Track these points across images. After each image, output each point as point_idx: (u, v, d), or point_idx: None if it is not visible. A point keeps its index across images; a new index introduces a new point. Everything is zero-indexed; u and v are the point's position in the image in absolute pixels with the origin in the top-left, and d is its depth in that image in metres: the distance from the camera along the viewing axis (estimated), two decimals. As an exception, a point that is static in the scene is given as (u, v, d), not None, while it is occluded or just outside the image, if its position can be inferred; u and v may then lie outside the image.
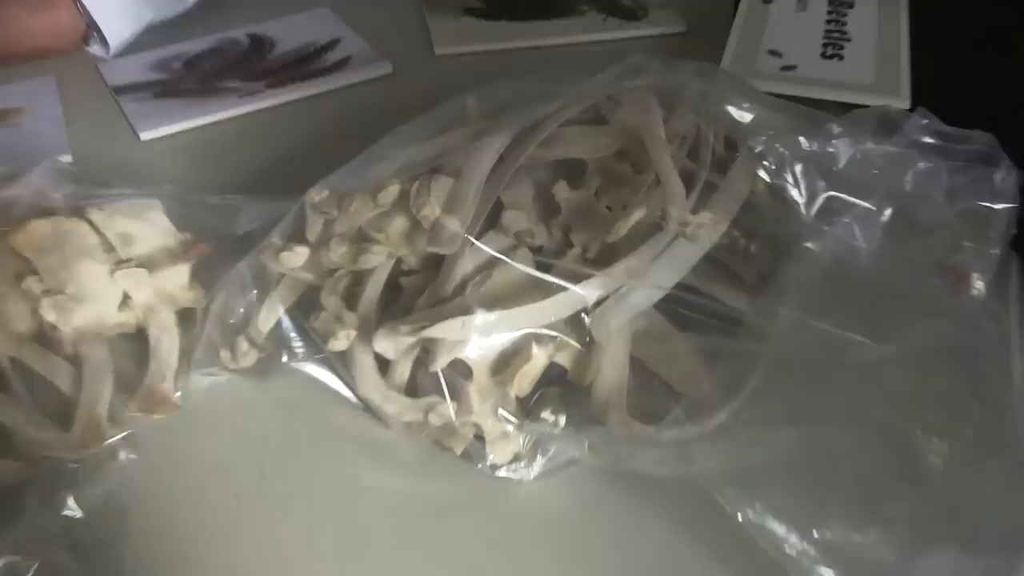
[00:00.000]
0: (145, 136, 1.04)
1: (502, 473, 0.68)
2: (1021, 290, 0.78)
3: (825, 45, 1.03)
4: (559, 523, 0.67)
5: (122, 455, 0.70)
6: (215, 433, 0.73)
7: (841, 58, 1.01)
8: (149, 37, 1.23)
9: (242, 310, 0.76)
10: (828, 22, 1.07)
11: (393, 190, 0.71)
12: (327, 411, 0.74)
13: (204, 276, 0.80)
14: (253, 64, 1.17)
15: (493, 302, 0.68)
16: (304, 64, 1.16)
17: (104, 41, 1.19)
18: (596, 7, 1.24)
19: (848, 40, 1.04)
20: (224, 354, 0.75)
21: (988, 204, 0.76)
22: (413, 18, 1.27)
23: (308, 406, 0.74)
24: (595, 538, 0.66)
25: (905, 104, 0.93)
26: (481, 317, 0.66)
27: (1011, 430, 0.63)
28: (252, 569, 0.65)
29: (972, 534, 0.58)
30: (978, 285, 0.74)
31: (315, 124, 1.05)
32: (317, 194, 0.74)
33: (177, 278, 0.80)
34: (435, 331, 0.66)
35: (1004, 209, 0.76)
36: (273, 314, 0.75)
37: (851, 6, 1.09)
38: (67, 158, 0.99)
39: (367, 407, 0.72)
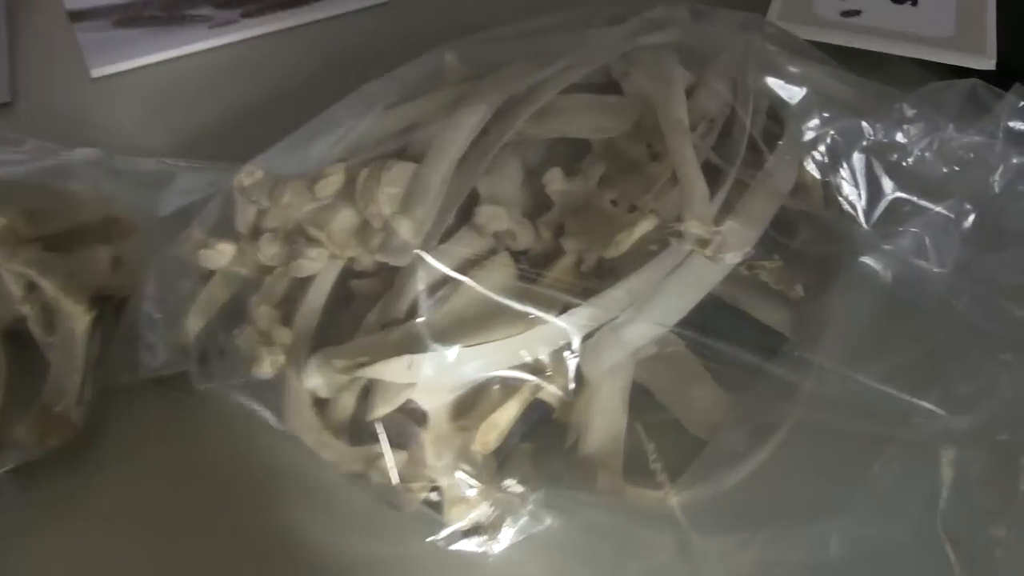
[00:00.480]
0: (96, 73, 0.89)
1: (459, 546, 0.53)
2: None
3: (893, -9, 0.86)
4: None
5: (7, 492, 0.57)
6: (123, 463, 0.60)
7: (915, 3, 0.84)
8: None
9: (168, 310, 0.61)
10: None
11: (335, 179, 0.56)
12: (259, 439, 0.59)
13: (131, 260, 0.66)
14: (228, -15, 1.01)
15: (456, 328, 0.53)
16: (287, -14, 1.00)
17: None
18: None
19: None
20: (144, 361, 0.61)
21: None
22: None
23: (238, 433, 0.60)
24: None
25: (990, 64, 0.76)
26: (434, 356, 0.51)
27: None
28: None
29: None
30: None
31: (297, 62, 0.90)
32: (248, 176, 0.59)
33: (96, 263, 0.65)
34: (374, 371, 0.51)
35: None
36: (201, 317, 0.60)
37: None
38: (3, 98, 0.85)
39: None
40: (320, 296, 0.58)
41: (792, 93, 0.60)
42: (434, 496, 0.54)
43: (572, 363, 0.53)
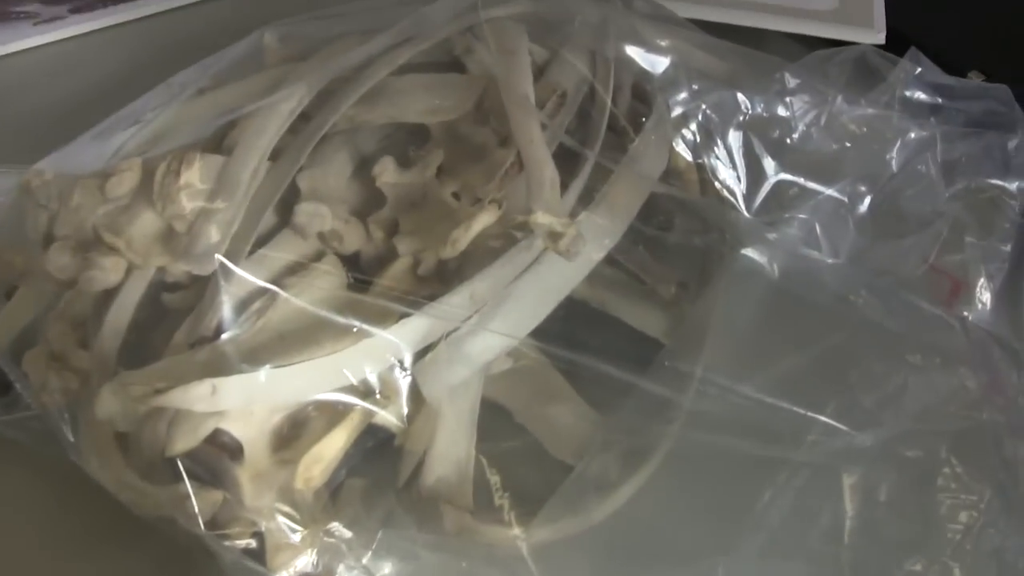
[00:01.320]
0: None
1: (284, 578, 0.45)
2: None
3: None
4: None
5: None
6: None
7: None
8: None
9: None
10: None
11: (129, 176, 0.48)
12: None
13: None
14: (60, -25, 0.93)
15: (274, 347, 0.45)
16: (122, -26, 0.92)
17: None
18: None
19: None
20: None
21: (998, 182, 0.56)
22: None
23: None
24: None
25: (879, 38, 0.70)
26: (241, 380, 0.42)
27: None
28: None
29: None
30: (983, 296, 0.54)
31: (128, 58, 0.83)
32: (36, 176, 0.51)
33: None
34: (171, 399, 0.43)
35: (1019, 189, 0.56)
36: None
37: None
38: None
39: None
40: (124, 313, 0.50)
41: (658, 65, 0.52)
42: (254, 543, 0.46)
43: (405, 383, 0.45)
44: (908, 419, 0.43)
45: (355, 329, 0.44)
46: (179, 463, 0.44)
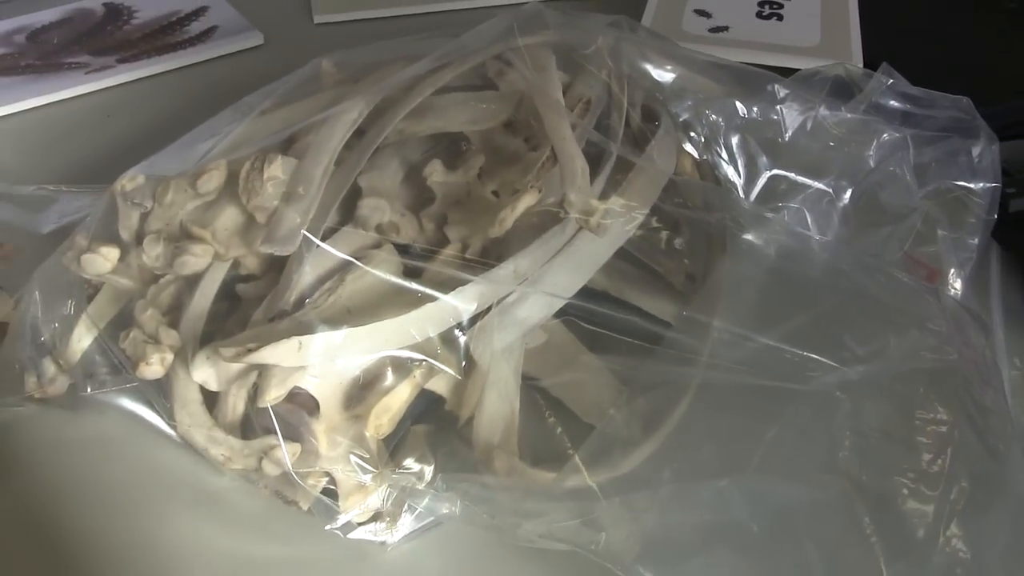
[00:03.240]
0: (-33, 120, 0.88)
1: (358, 535, 0.53)
2: (1004, 286, 0.66)
3: (761, 3, 0.88)
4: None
5: None
6: (11, 481, 0.59)
7: (780, 18, 0.86)
8: None
9: (55, 325, 0.59)
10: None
11: (217, 175, 0.56)
12: (149, 452, 0.59)
13: (12, 283, 0.64)
14: (106, 36, 1.01)
15: (344, 316, 0.52)
16: (165, 35, 1.00)
17: None
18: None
19: (788, -1, 0.89)
20: (29, 381, 0.60)
21: (965, 184, 0.63)
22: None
23: (127, 446, 0.59)
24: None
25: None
26: (323, 337, 0.50)
27: (1012, 475, 0.48)
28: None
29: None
30: (955, 282, 0.61)
31: (173, 103, 0.90)
32: (129, 181, 0.58)
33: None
34: (263, 356, 0.50)
35: (984, 189, 0.63)
36: (88, 331, 0.60)
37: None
38: None
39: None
40: (206, 299, 0.57)
41: (666, 78, 0.61)
42: (329, 487, 0.53)
43: (462, 342, 0.53)
44: (893, 360, 0.51)
45: (419, 295, 0.52)
46: (270, 412, 0.52)
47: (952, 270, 0.61)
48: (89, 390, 0.58)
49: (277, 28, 1.01)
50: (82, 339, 0.60)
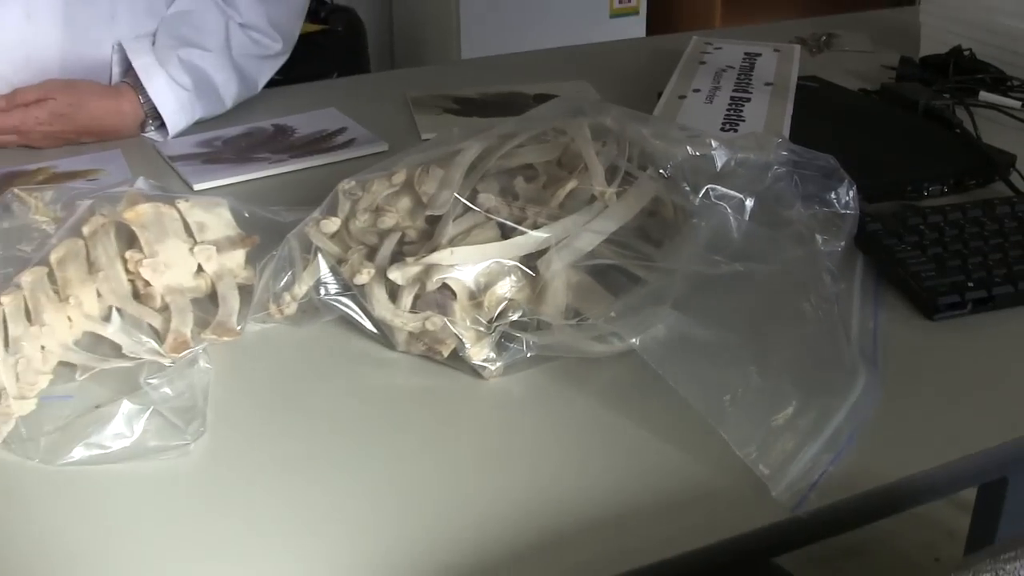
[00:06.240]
0: (198, 187, 1.35)
1: (477, 361, 0.96)
2: (865, 274, 1.09)
3: (724, 123, 1.36)
4: (518, 406, 0.95)
5: (200, 362, 0.98)
6: (264, 356, 1.02)
7: (736, 131, 1.33)
8: (193, 127, 1.57)
9: (285, 277, 1.04)
10: (728, 109, 1.40)
11: (400, 174, 1.02)
12: (347, 342, 1.03)
13: (254, 260, 1.09)
14: (279, 143, 1.49)
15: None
16: (320, 143, 1.48)
17: (161, 129, 1.54)
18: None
19: (743, 121, 1.36)
20: (272, 306, 1.04)
21: (834, 209, 1.07)
22: (403, 116, 1.61)
23: (333, 339, 1.03)
24: (545, 416, 0.93)
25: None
26: (463, 249, 0.95)
27: (825, 317, 0.93)
28: (288, 432, 0.93)
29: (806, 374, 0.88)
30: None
31: (327, 186, 1.34)
32: (347, 183, 1.04)
33: (235, 259, 1.08)
34: (432, 258, 0.95)
35: (848, 215, 1.07)
36: (310, 277, 1.04)
37: (748, 100, 1.42)
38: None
39: (379, 335, 1.01)
40: (389, 248, 1.02)
41: (652, 148, 1.07)
42: (462, 344, 0.98)
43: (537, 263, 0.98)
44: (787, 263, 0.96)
45: (516, 234, 0.97)
46: (438, 293, 0.97)
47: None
48: (323, 294, 1.03)
49: (396, 141, 1.48)
50: (305, 282, 1.04)
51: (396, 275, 0.98)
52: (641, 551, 0.77)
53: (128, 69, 1.53)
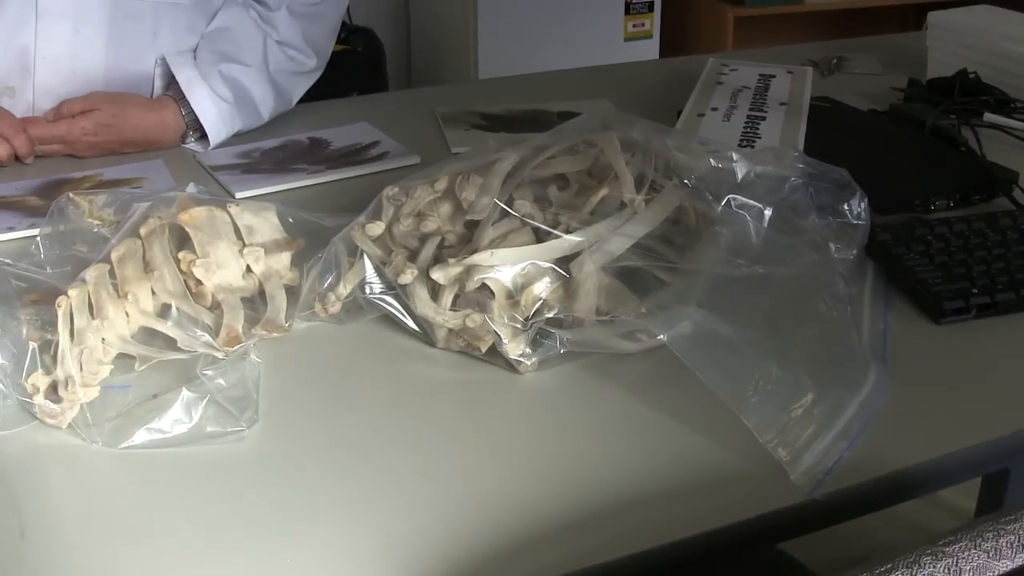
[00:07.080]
0: (240, 195, 1.41)
1: (514, 356, 1.02)
2: (875, 280, 1.16)
3: (741, 140, 1.43)
4: (552, 398, 1.01)
5: (251, 356, 1.04)
6: (310, 352, 1.09)
7: (752, 147, 1.40)
8: (231, 139, 1.64)
9: (330, 278, 1.11)
10: (745, 127, 1.47)
11: (443, 180, 1.09)
12: (389, 339, 1.09)
13: (298, 262, 1.16)
14: (315, 155, 1.56)
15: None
16: (354, 155, 1.55)
17: (201, 140, 1.62)
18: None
19: (759, 138, 1.43)
20: (318, 305, 1.10)
21: (847, 220, 1.14)
22: (431, 130, 1.69)
23: (376, 336, 1.10)
24: (578, 407, 1.00)
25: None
26: (500, 251, 1.02)
27: (839, 316, 1.00)
28: (335, 421, 1.00)
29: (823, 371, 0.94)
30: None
31: (364, 196, 1.38)
32: (391, 189, 1.11)
33: (282, 261, 1.15)
34: (473, 259, 1.02)
35: (860, 225, 1.13)
36: (354, 277, 1.10)
37: (763, 119, 1.49)
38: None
39: (419, 333, 1.08)
40: (430, 251, 1.09)
41: (676, 159, 1.14)
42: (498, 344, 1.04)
43: (573, 264, 1.04)
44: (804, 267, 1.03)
45: (550, 237, 1.04)
46: (477, 292, 1.03)
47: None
48: (368, 292, 1.10)
49: (427, 154, 1.55)
50: (350, 282, 1.11)
51: (439, 275, 1.04)
52: (671, 529, 0.83)
53: (170, 83, 1.62)
